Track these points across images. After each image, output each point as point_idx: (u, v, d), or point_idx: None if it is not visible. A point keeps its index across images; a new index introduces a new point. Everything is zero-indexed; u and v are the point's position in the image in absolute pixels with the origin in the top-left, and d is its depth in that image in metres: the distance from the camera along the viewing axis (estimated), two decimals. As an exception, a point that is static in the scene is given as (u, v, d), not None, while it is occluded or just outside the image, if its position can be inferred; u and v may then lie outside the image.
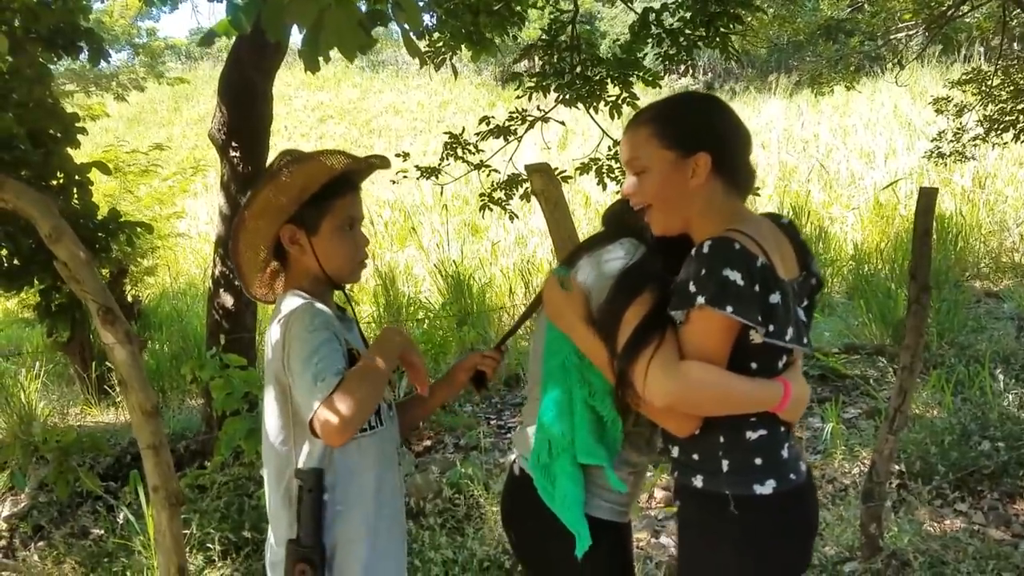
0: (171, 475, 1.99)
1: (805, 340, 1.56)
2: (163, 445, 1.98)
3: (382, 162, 1.81)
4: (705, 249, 1.43)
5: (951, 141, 8.20)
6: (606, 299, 1.58)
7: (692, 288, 1.43)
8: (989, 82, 7.56)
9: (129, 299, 8.06)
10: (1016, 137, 7.24)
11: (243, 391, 3.50)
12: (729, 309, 1.40)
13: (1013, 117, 7.21)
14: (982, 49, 16.21)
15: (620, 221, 1.73)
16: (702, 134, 1.55)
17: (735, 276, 1.40)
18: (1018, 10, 6.90)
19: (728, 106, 1.62)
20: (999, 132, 7.39)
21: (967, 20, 8.86)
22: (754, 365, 1.51)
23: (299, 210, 1.72)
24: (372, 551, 1.74)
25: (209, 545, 3.41)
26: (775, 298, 1.45)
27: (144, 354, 7.34)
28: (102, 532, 3.84)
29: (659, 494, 4.08)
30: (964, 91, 7.98)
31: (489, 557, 3.36)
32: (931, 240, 3.12)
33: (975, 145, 8.12)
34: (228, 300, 4.71)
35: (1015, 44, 9.42)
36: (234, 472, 3.74)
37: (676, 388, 1.44)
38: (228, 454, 3.65)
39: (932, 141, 8.58)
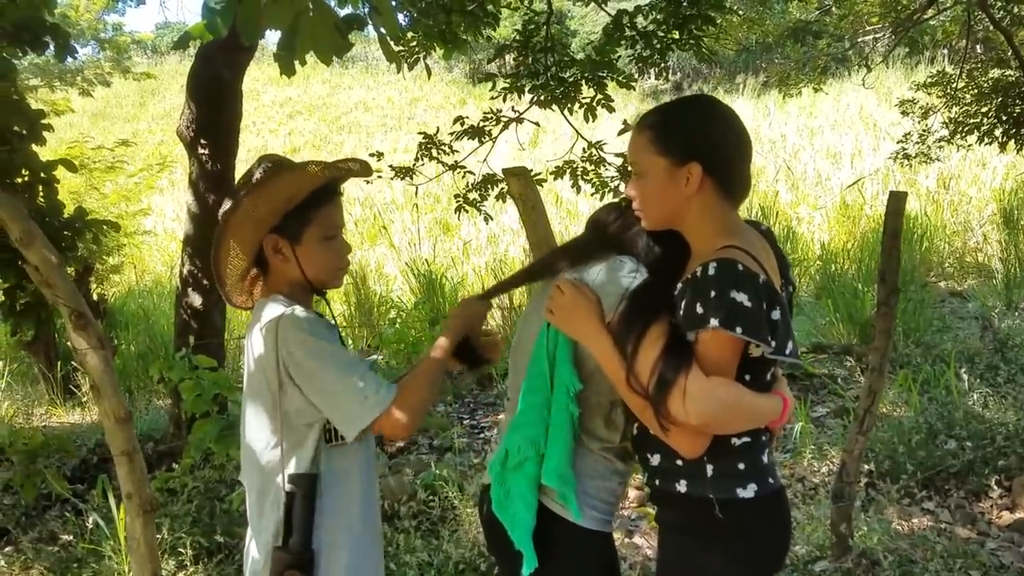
0: (145, 482, 1.97)
1: (799, 352, 1.60)
2: (136, 451, 1.96)
3: (363, 169, 1.81)
4: (711, 271, 1.45)
5: (916, 143, 8.27)
6: (623, 314, 1.58)
7: (700, 310, 1.46)
8: (954, 85, 7.64)
9: (95, 298, 7.94)
10: (980, 139, 7.30)
11: (213, 393, 3.47)
12: (739, 330, 1.44)
13: (977, 120, 7.27)
14: (947, 52, 16.44)
15: (605, 231, 1.73)
16: (695, 143, 1.55)
17: (742, 298, 1.43)
18: (981, 14, 6.98)
19: (730, 113, 1.62)
20: (963, 134, 7.46)
21: (932, 23, 8.97)
22: (747, 377, 1.54)
23: (282, 221, 1.71)
24: (355, 556, 1.75)
25: (181, 550, 3.37)
26: (776, 314, 1.50)
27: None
28: (71, 537, 3.77)
29: (632, 494, 4.10)
30: (929, 93, 8.05)
31: (465, 559, 3.35)
32: (900, 242, 3.16)
33: (940, 147, 8.21)
34: (196, 300, 4.66)
35: (979, 47, 9.54)
36: (204, 475, 3.70)
37: (711, 408, 1.46)
38: (198, 457, 3.61)
39: (898, 143, 8.66)
